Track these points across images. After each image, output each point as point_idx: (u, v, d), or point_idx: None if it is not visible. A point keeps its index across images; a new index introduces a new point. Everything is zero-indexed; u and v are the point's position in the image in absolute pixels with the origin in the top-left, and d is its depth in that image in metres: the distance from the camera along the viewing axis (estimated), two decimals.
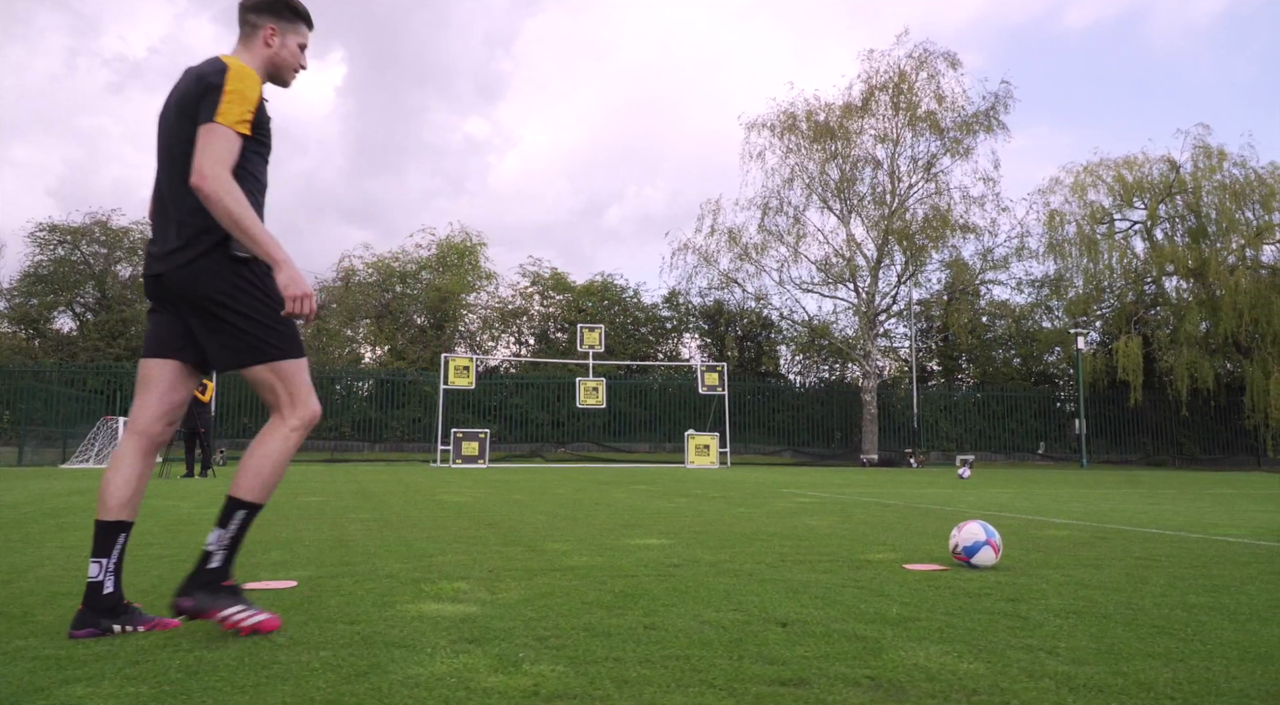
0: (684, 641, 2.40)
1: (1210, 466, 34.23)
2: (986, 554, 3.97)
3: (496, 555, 4.25)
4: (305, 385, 2.62)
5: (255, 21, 2.73)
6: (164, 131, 2.64)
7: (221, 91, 2.49)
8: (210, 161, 2.44)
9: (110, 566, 2.50)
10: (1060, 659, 2.25)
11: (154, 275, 2.60)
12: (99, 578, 2.48)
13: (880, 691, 1.94)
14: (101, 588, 2.47)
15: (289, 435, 2.58)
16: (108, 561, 2.50)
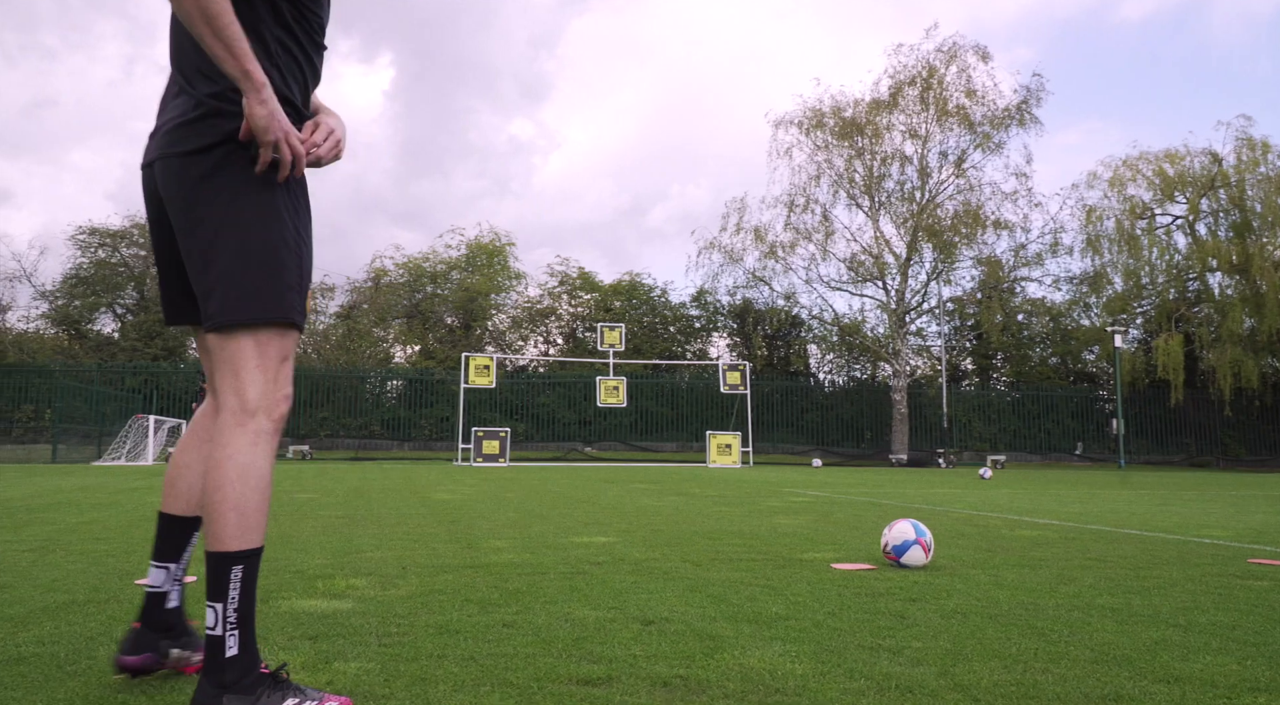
0: (526, 640, 2.35)
1: (1256, 468, 33.23)
2: (916, 553, 3.86)
3: (425, 552, 4.23)
4: (288, 367, 1.84)
5: None
6: None
7: None
8: None
9: (178, 573, 2.00)
10: (898, 660, 2.16)
11: (147, 165, 1.87)
12: (163, 587, 1.97)
13: (679, 691, 1.87)
14: (165, 600, 1.97)
15: (258, 439, 1.77)
16: (175, 567, 1.99)
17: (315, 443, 30.47)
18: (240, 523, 1.73)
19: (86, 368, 31.57)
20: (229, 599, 1.72)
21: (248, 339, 1.77)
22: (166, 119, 1.84)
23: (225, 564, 1.72)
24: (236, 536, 1.73)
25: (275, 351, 1.80)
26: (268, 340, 1.79)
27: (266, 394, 1.79)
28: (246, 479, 1.74)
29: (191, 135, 1.77)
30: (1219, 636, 2.50)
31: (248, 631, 1.73)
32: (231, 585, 1.72)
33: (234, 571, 1.72)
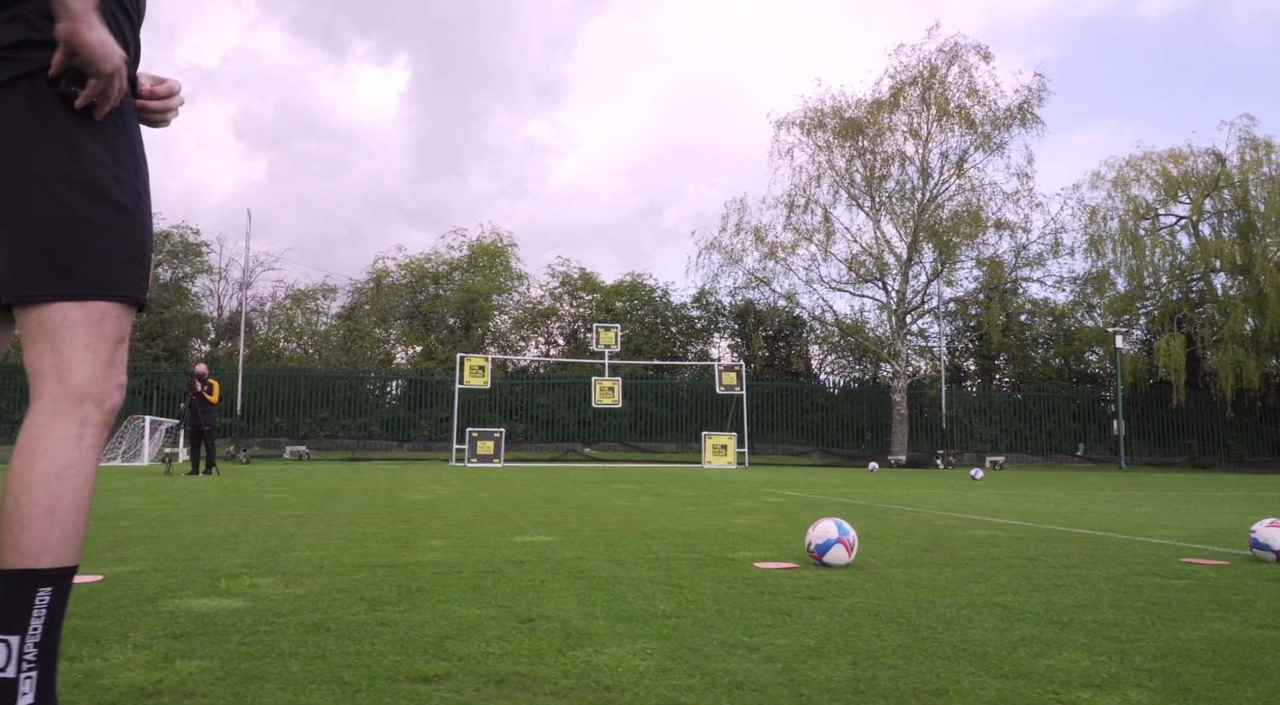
0: (390, 638, 2.35)
1: (1259, 469, 32.99)
2: (838, 552, 3.85)
3: (356, 551, 4.24)
4: (122, 350, 1.53)
5: None
6: None
7: None
8: None
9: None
10: (750, 657, 2.16)
11: None
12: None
13: (507, 688, 1.87)
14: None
15: (83, 432, 1.45)
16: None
17: (314, 443, 30.57)
18: (52, 533, 1.39)
19: None
20: (29, 630, 1.36)
21: (77, 312, 1.46)
22: None
23: (28, 585, 1.37)
24: (46, 550, 1.39)
25: (111, 330, 1.49)
26: (105, 318, 1.48)
27: (98, 379, 1.47)
28: (65, 479, 1.41)
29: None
30: (1092, 634, 2.49)
31: (49, 673, 1.38)
32: (35, 612, 1.37)
33: (39, 595, 1.38)
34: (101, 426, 1.48)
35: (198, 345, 37.90)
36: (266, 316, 38.78)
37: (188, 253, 37.96)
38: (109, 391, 1.48)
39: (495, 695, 1.83)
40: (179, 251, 37.84)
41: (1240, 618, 2.77)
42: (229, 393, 28.15)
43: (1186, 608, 2.94)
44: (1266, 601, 3.09)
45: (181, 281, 38.28)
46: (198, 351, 37.12)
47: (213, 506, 7.22)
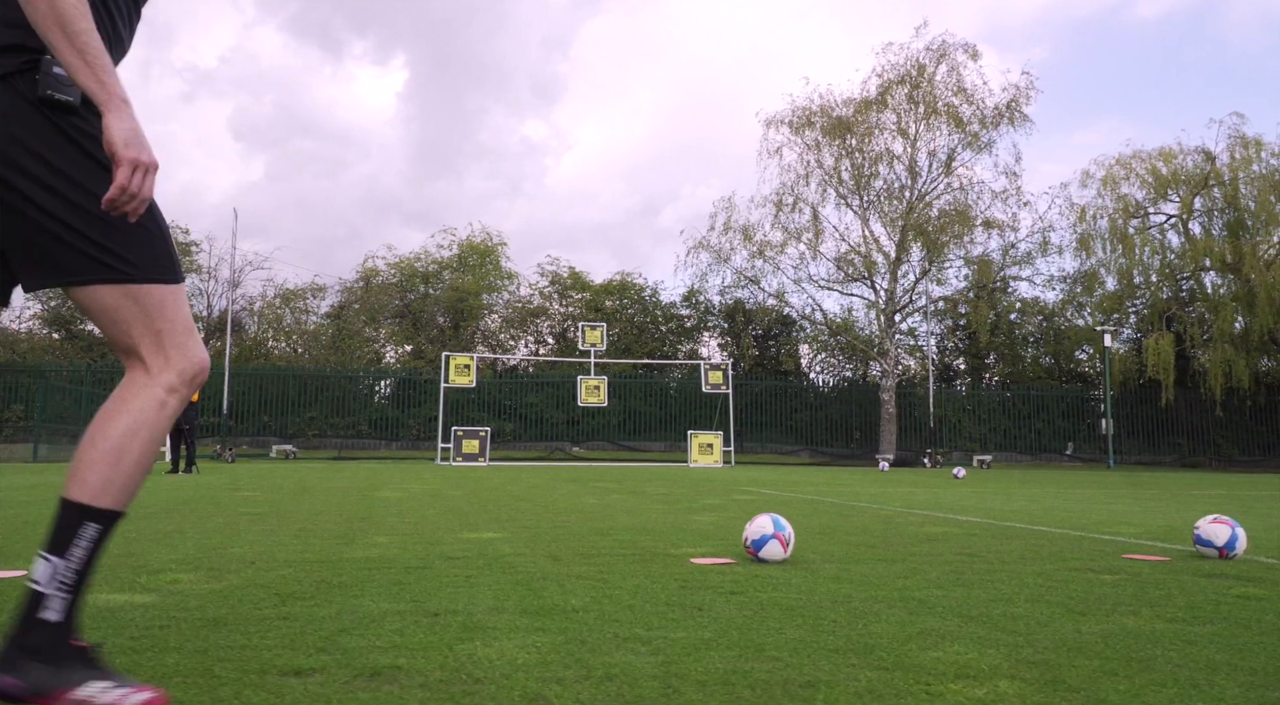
0: (284, 633, 2.34)
1: (1249, 468, 33.05)
2: (774, 548, 3.84)
3: (296, 546, 4.22)
4: (185, 323, 1.67)
5: None
6: None
7: None
8: None
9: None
10: (639, 650, 2.15)
11: None
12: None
13: (376, 680, 1.86)
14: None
15: (165, 400, 1.63)
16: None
17: (303, 442, 30.53)
18: (114, 479, 1.56)
19: (77, 367, 31.67)
20: (69, 556, 1.53)
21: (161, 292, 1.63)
22: None
23: (81, 517, 1.54)
24: (105, 493, 1.56)
25: (171, 305, 1.65)
26: (161, 295, 1.64)
27: (187, 354, 1.66)
28: (138, 437, 1.58)
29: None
30: (995, 627, 2.48)
31: (76, 600, 1.55)
32: (78, 543, 1.54)
33: (88, 529, 1.55)
34: (184, 394, 1.66)
35: None
36: (256, 316, 38.72)
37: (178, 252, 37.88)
38: (187, 358, 1.65)
39: (362, 688, 1.82)
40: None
41: (1152, 612, 2.77)
42: (216, 392, 28.09)
43: (1103, 602, 2.94)
44: (1187, 597, 3.09)
45: None
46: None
47: (175, 504, 7.19)
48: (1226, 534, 4.17)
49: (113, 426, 1.59)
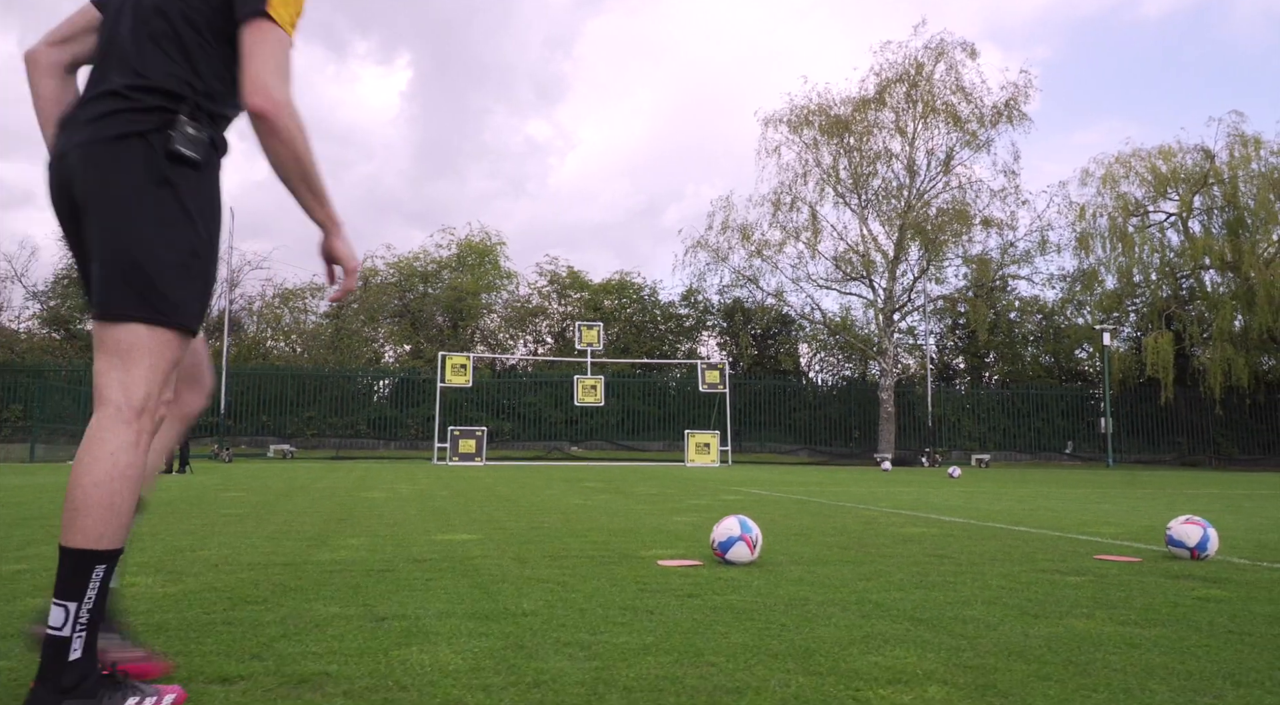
0: (224, 638, 2.33)
1: (1249, 467, 32.97)
2: (740, 550, 3.83)
3: (265, 548, 4.22)
4: (162, 370, 1.76)
5: None
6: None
7: None
8: (278, 77, 1.76)
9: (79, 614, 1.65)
10: (577, 655, 2.14)
11: (58, 157, 1.81)
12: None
13: (302, 689, 1.85)
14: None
15: (139, 439, 1.72)
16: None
17: (301, 442, 30.56)
18: (111, 521, 1.67)
19: (76, 367, 31.71)
20: (85, 599, 1.63)
21: (145, 334, 1.73)
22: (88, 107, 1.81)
23: (88, 562, 1.64)
24: (105, 536, 1.66)
25: (172, 354, 1.77)
26: (164, 342, 1.75)
27: (153, 396, 1.74)
28: (125, 478, 1.68)
29: (120, 122, 1.76)
30: (942, 631, 2.47)
31: (93, 635, 1.65)
32: (91, 585, 1.64)
33: (96, 571, 1.65)
34: (151, 434, 1.75)
35: None
36: (255, 315, 38.75)
37: None
38: (159, 406, 1.76)
39: (285, 696, 1.80)
40: None
41: (1105, 614, 2.75)
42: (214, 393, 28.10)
43: (1060, 604, 2.92)
44: (1146, 598, 3.07)
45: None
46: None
47: (159, 505, 7.19)
48: (1198, 535, 4.16)
49: (97, 471, 1.67)
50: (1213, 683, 1.96)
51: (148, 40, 1.82)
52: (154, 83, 1.79)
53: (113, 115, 1.76)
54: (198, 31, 1.83)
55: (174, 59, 1.81)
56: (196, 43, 1.83)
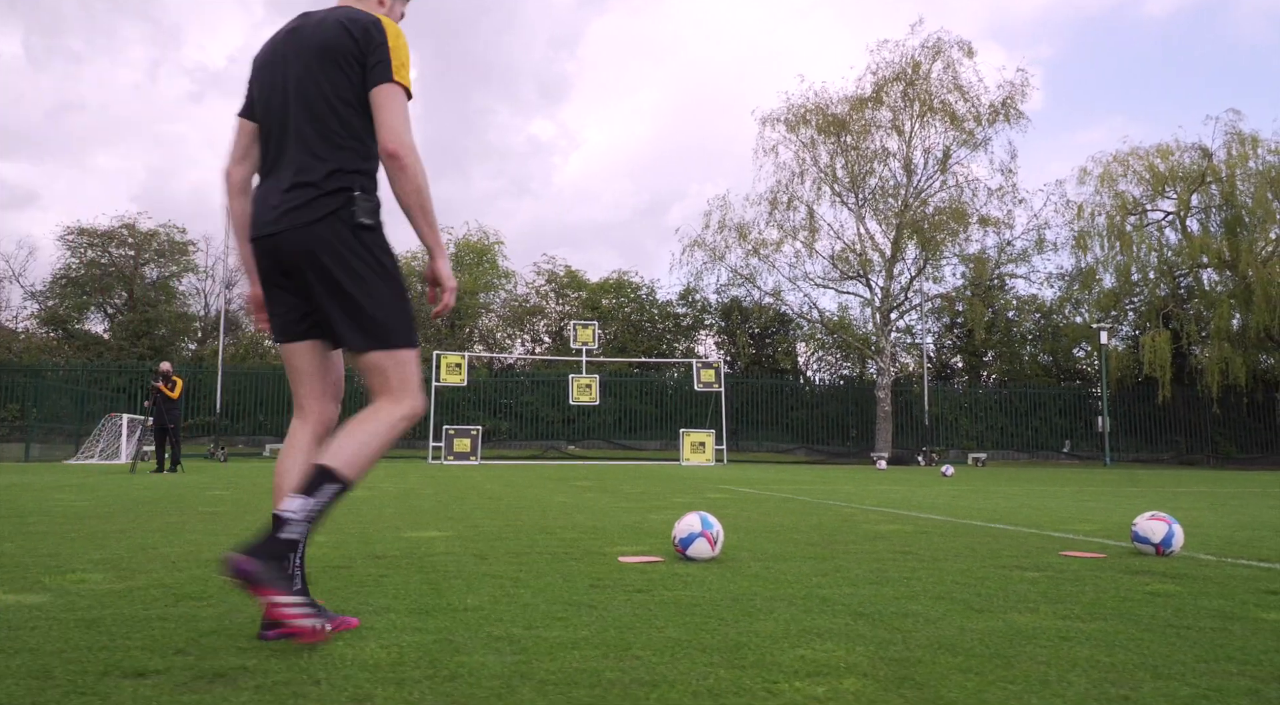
0: (150, 635, 2.32)
1: (1247, 466, 32.92)
2: (701, 546, 3.82)
3: (225, 546, 4.21)
4: (418, 376, 2.38)
5: None
6: (295, 79, 2.36)
7: (388, 48, 2.32)
8: (405, 126, 2.30)
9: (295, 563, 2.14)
10: (507, 651, 2.13)
11: (267, 236, 2.32)
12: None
13: (216, 684, 1.84)
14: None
15: (396, 423, 2.31)
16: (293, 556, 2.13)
17: None
18: (358, 463, 2.21)
19: (72, 367, 31.73)
20: (315, 499, 2.12)
21: (386, 356, 2.33)
22: (283, 195, 2.31)
23: (331, 479, 2.16)
24: (351, 467, 2.19)
25: (412, 368, 2.39)
26: (406, 359, 2.37)
27: (413, 390, 2.37)
28: (382, 444, 2.28)
29: (323, 203, 2.28)
30: (878, 625, 2.45)
31: (307, 533, 2.14)
32: (322, 492, 2.13)
33: (331, 488, 2.15)
34: (408, 423, 2.38)
35: (186, 344, 37.91)
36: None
37: (174, 251, 37.96)
38: (417, 400, 2.39)
39: (195, 690, 1.80)
40: (165, 250, 37.84)
41: (1050, 609, 2.74)
42: (209, 392, 28.13)
43: (1007, 599, 2.91)
44: (1097, 593, 3.06)
45: (169, 280, 38.29)
46: (188, 350, 37.10)
47: (139, 503, 7.19)
48: (1163, 531, 4.14)
49: (366, 427, 2.26)
50: (1133, 674, 1.94)
51: (318, 132, 2.32)
52: (333, 167, 2.30)
53: (310, 204, 2.28)
54: (350, 106, 2.33)
55: (342, 143, 2.32)
56: (352, 117, 2.34)
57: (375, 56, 2.31)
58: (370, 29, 2.34)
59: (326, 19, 2.39)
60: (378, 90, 2.30)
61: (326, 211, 2.27)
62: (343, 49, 2.32)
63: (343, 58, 2.32)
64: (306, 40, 2.38)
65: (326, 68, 2.33)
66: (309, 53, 2.36)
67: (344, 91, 2.32)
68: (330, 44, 2.34)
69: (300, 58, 2.37)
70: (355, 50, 2.32)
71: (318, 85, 2.32)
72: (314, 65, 2.34)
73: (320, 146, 2.31)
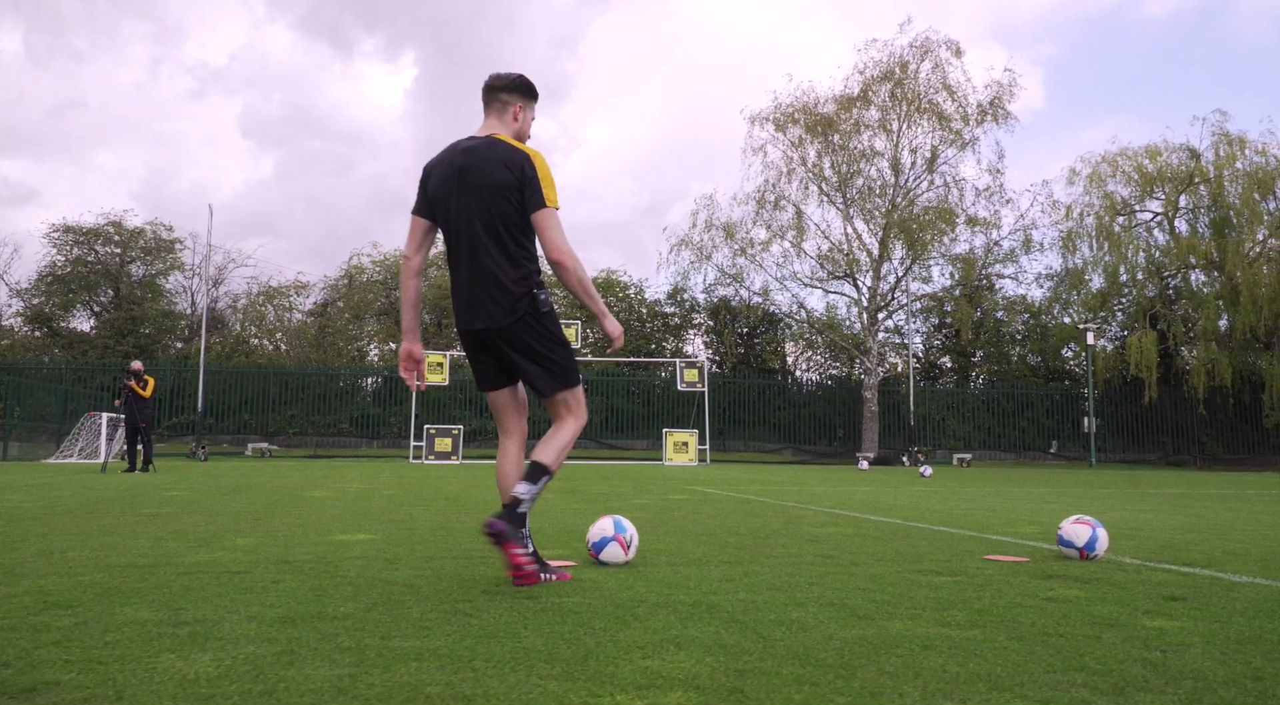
0: (18, 646, 2.26)
1: (1234, 467, 32.93)
2: (613, 550, 3.77)
3: (140, 550, 4.15)
4: (584, 400, 3.43)
5: (507, 100, 3.42)
6: (477, 208, 3.24)
7: (539, 179, 3.19)
8: (563, 240, 3.20)
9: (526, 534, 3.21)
10: (345, 662, 2.07)
11: (478, 331, 3.28)
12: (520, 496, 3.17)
13: (17, 701, 1.78)
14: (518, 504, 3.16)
15: (577, 430, 3.37)
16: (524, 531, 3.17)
17: (283, 440, 30.48)
18: (556, 458, 3.25)
19: (56, 364, 31.61)
20: (537, 486, 3.18)
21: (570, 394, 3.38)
22: (489, 299, 3.24)
23: (544, 471, 3.20)
24: (554, 462, 3.23)
25: (581, 394, 3.43)
26: (579, 390, 3.41)
27: (583, 413, 3.44)
28: (567, 444, 3.33)
29: (518, 305, 3.23)
30: (747, 633, 2.40)
31: (531, 506, 3.17)
32: (540, 480, 3.18)
33: (544, 477, 3.19)
34: (580, 429, 3.44)
35: (171, 342, 37.78)
36: (240, 313, 38.65)
37: (160, 249, 37.83)
38: (585, 415, 3.45)
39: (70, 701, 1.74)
40: (152, 248, 37.71)
41: (934, 617, 2.68)
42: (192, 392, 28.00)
43: (898, 606, 2.86)
44: (994, 598, 3.01)
45: (156, 278, 38.15)
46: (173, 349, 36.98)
47: (87, 504, 7.12)
48: (1087, 535, 4.10)
49: (560, 436, 3.34)
50: (971, 685, 1.89)
51: (501, 251, 3.24)
52: (520, 274, 3.24)
53: (513, 303, 3.22)
54: (518, 227, 3.25)
55: (519, 254, 3.25)
56: (522, 233, 3.26)
57: (532, 187, 3.19)
58: (525, 168, 3.21)
59: (490, 160, 3.24)
60: (538, 215, 3.20)
61: (523, 309, 3.21)
62: (508, 186, 3.20)
63: (509, 193, 3.20)
64: (479, 179, 3.23)
65: (499, 202, 3.21)
66: (483, 189, 3.23)
67: (513, 216, 3.22)
68: (500, 184, 3.21)
69: (478, 192, 3.23)
70: (516, 185, 3.20)
71: (491, 214, 3.22)
72: (489, 198, 3.22)
73: (504, 261, 3.22)
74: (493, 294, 3.20)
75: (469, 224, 3.24)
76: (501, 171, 3.19)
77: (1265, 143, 33.59)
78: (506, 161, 3.20)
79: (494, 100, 3.42)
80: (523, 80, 3.44)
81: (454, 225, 3.29)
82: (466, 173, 3.25)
